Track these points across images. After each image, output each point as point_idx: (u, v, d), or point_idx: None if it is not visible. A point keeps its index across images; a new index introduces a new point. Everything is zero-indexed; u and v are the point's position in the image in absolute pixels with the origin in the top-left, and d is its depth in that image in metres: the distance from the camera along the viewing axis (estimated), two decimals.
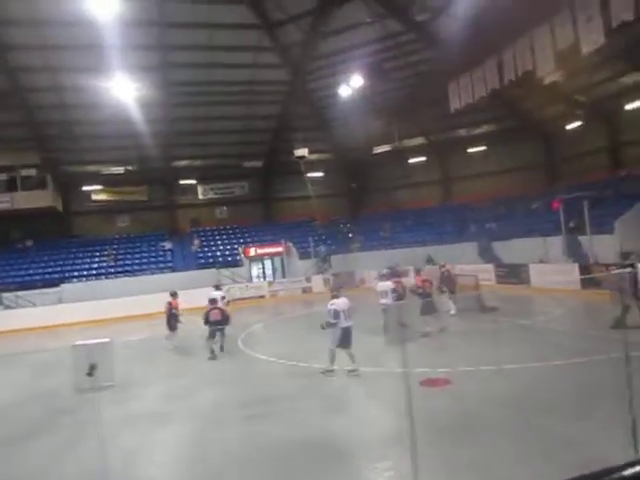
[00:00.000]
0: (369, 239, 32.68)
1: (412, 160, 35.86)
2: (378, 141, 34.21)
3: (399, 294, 14.33)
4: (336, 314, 10.58)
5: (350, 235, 34.51)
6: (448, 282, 17.07)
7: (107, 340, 10.49)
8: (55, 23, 22.03)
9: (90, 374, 6.71)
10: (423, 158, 35.88)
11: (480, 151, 33.70)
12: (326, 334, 10.79)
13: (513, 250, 25.24)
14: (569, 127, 29.62)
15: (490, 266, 24.82)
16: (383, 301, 13.99)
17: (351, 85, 26.77)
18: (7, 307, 26.05)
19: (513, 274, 22.98)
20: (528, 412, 7.59)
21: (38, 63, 24.32)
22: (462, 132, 33.96)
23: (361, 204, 38.01)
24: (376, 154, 35.22)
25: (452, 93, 23.76)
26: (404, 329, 6.00)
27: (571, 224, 23.28)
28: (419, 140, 35.40)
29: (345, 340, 10.60)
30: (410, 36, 25.49)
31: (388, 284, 14.36)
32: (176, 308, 15.72)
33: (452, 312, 16.68)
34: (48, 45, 23.25)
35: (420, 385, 8.81)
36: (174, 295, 16.03)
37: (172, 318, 15.59)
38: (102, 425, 7.89)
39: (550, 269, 21.58)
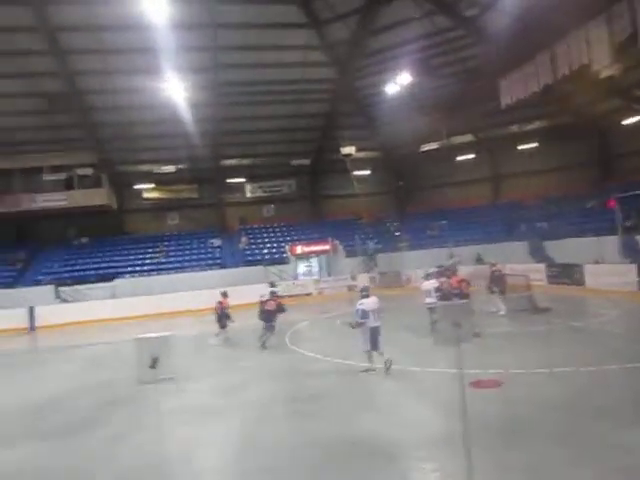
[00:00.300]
0: (416, 238, 32.37)
1: (460, 157, 35.32)
2: (426, 138, 33.82)
3: (443, 293, 14.10)
4: (364, 314, 10.58)
5: (397, 234, 34.30)
6: (499, 282, 16.76)
7: (169, 334, 10.79)
8: (111, 28, 22.89)
9: (153, 366, 6.91)
10: (472, 155, 35.28)
11: (531, 148, 32.81)
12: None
13: (565, 250, 24.48)
14: (625, 122, 28.45)
15: (541, 266, 24.18)
16: (428, 300, 13.86)
17: (399, 82, 26.58)
18: (64, 301, 27.20)
19: (566, 274, 22.33)
20: (581, 416, 7.41)
21: (95, 66, 25.28)
22: (513, 128, 33.11)
23: (408, 202, 37.71)
24: (424, 152, 34.85)
25: (503, 89, 23.20)
26: (458, 329, 5.91)
27: (628, 223, 22.41)
28: (468, 137, 34.78)
29: (373, 340, 10.58)
30: (459, 32, 25.09)
31: (432, 283, 14.21)
32: (227, 307, 16.15)
33: (502, 312, 16.40)
34: (104, 49, 24.14)
35: (470, 386, 8.70)
36: (225, 295, 16.48)
37: (223, 317, 16.02)
38: (157, 417, 8.18)
39: (606, 270, 20.82)
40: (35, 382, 13.35)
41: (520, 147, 33.12)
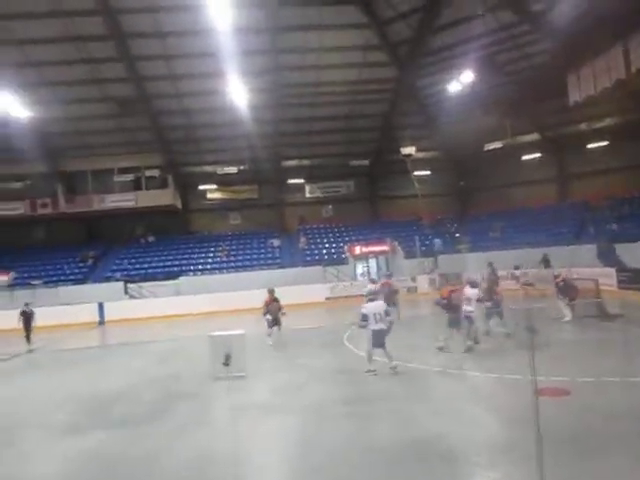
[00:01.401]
0: (478, 240, 31.60)
1: (526, 157, 34.25)
2: (489, 138, 33.04)
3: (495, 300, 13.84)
4: (364, 317, 11.04)
5: (457, 235, 33.64)
6: (568, 291, 16.10)
7: (242, 332, 10.83)
8: (177, 34, 23.75)
9: (226, 364, 6.97)
10: (538, 155, 34.14)
11: (601, 146, 31.39)
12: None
13: (638, 254, 23.27)
14: None
15: (611, 270, 23.07)
16: (467, 308, 13.18)
17: (461, 80, 26.08)
18: (132, 297, 28.35)
19: (638, 280, 21.20)
20: None
21: (162, 72, 26.26)
22: (582, 126, 31.77)
23: (469, 203, 36.93)
24: (487, 151, 34.02)
25: (571, 85, 22.34)
26: (533, 335, 5.74)
27: None
28: (534, 136, 33.66)
29: (377, 341, 10.96)
30: (524, 27, 24.37)
31: (474, 292, 13.48)
32: (269, 304, 16.16)
33: (567, 319, 15.78)
34: (171, 54, 25.08)
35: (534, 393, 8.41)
36: (271, 292, 16.58)
37: (272, 315, 16.06)
38: (221, 413, 8.35)
39: None
40: (106, 374, 13.93)
41: (589, 145, 31.73)
